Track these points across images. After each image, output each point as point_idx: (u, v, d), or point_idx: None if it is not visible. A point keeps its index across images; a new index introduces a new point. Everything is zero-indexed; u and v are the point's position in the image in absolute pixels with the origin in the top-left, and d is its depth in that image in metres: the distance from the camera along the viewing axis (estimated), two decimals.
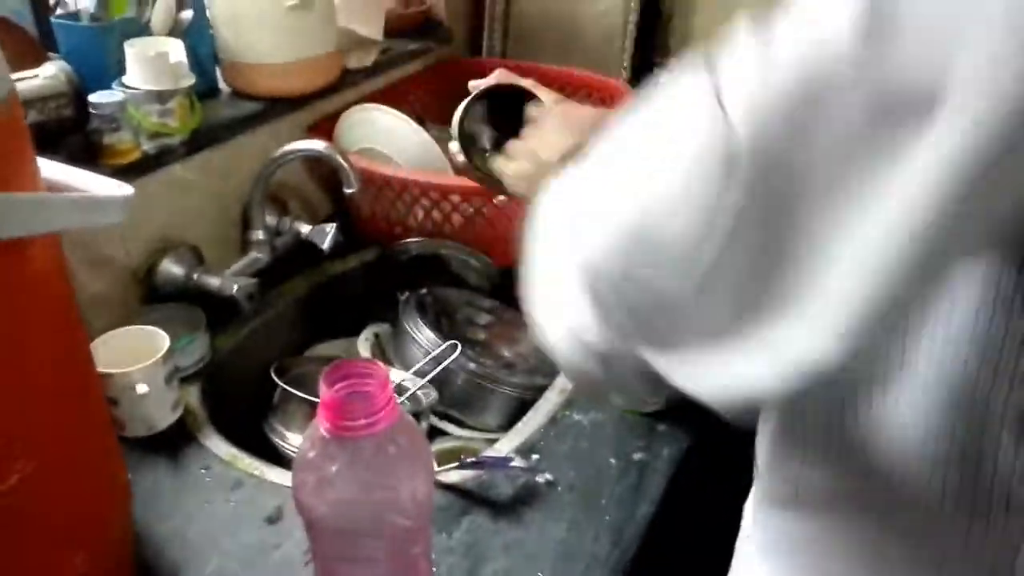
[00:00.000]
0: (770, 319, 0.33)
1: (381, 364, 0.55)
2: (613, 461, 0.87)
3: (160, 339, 0.88)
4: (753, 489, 0.58)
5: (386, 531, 0.57)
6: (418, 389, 0.97)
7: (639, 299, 0.36)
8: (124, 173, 0.91)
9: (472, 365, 1.04)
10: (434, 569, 0.72)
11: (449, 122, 0.80)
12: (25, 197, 0.51)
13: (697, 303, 0.34)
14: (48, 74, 0.91)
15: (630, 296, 0.36)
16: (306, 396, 0.91)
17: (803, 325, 0.32)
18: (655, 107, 0.37)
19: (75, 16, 1.02)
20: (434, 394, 0.98)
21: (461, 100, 0.79)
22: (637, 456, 0.87)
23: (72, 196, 0.56)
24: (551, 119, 0.73)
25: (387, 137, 1.19)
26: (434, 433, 1.02)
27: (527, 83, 0.78)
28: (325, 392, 0.53)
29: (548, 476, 0.84)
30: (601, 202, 0.38)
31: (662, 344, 0.37)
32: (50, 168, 0.60)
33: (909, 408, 0.40)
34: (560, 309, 0.41)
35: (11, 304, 0.51)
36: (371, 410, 0.53)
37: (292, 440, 0.92)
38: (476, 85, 0.80)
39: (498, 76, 0.80)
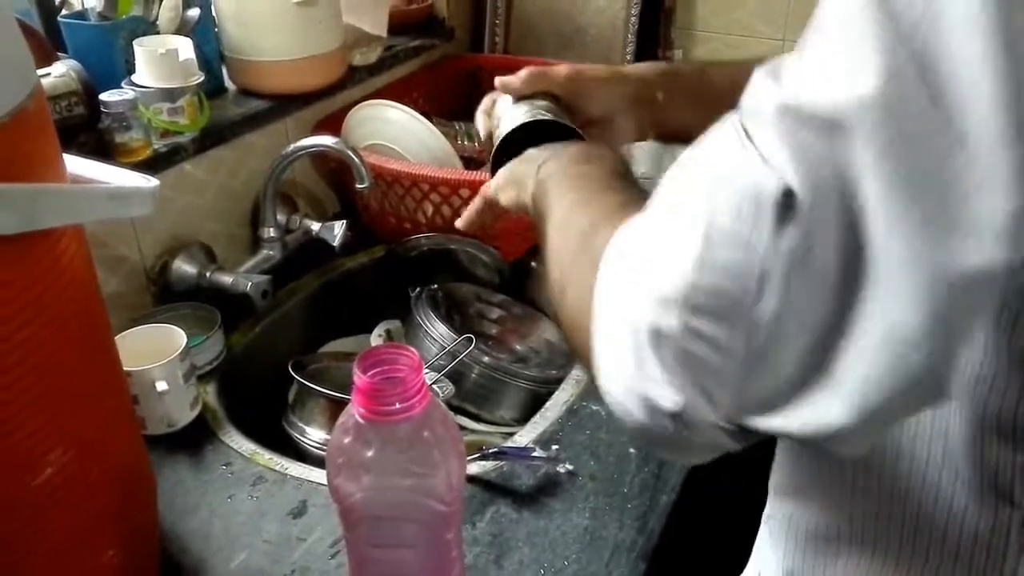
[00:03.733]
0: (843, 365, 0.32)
1: (412, 349, 0.55)
2: (632, 451, 0.87)
3: (177, 336, 0.88)
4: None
5: (421, 516, 0.56)
6: (434, 383, 0.96)
7: (705, 360, 0.35)
8: (136, 171, 0.91)
9: (486, 359, 1.04)
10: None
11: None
12: (58, 188, 0.51)
13: (762, 364, 0.34)
14: (59, 73, 0.90)
15: (696, 357, 0.35)
16: (326, 391, 0.90)
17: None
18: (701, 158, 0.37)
19: (82, 15, 1.02)
20: (451, 388, 0.98)
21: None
22: None
23: (102, 187, 0.56)
24: None
25: (396, 133, 1.19)
26: None
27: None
28: (359, 378, 0.53)
29: (569, 466, 0.84)
30: (655, 260, 0.37)
31: (737, 408, 0.35)
32: (74, 163, 0.60)
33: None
34: (624, 369, 0.38)
35: (44, 294, 0.50)
36: (406, 395, 0.53)
37: (311, 435, 0.92)
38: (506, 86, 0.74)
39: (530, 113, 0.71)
